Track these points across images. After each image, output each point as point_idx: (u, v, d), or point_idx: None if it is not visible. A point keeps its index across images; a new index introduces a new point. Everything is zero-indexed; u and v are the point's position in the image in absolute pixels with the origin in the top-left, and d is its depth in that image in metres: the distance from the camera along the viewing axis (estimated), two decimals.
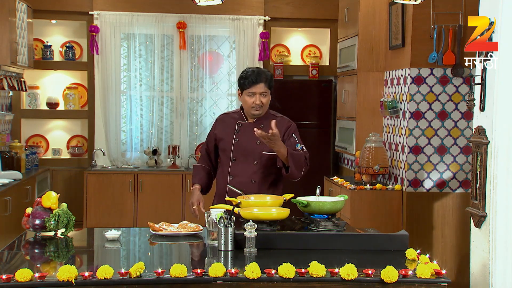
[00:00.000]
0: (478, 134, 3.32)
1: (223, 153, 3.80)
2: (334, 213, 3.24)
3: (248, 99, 3.70)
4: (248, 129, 3.73)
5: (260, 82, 3.68)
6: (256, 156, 3.69)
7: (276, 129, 3.48)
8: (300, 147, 3.74)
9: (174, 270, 2.46)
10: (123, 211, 6.84)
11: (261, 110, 3.72)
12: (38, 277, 2.40)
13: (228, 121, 3.83)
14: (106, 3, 7.23)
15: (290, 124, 3.81)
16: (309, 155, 3.76)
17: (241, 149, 3.72)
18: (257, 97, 3.68)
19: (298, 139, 3.77)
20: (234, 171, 3.72)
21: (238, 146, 3.73)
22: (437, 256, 4.98)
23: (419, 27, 5.11)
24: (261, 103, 3.69)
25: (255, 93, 3.68)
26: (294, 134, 3.78)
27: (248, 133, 3.71)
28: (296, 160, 3.62)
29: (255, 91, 3.67)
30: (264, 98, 3.70)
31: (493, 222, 3.23)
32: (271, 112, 3.83)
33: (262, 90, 3.69)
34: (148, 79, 7.40)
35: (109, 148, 7.24)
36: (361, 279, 2.50)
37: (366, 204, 5.24)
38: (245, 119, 3.78)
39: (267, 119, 3.74)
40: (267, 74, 3.74)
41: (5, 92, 6.63)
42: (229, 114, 3.91)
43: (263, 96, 3.69)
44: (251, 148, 3.70)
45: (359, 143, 5.84)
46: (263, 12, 7.41)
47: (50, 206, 3.15)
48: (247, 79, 3.69)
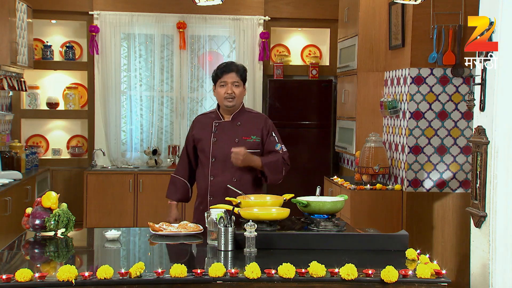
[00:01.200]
0: (478, 134, 3.32)
1: (202, 154, 3.77)
2: (334, 213, 3.24)
3: (220, 90, 3.70)
4: (226, 128, 3.73)
5: (231, 71, 3.69)
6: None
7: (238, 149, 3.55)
8: (280, 147, 3.77)
9: (174, 270, 2.46)
10: (123, 211, 6.85)
11: (234, 101, 3.70)
12: (38, 277, 2.40)
13: (205, 122, 3.81)
14: (106, 3, 7.23)
15: (267, 121, 3.82)
16: (288, 154, 3.80)
17: (220, 149, 3.70)
18: (229, 86, 3.68)
19: (278, 138, 3.80)
20: (215, 171, 3.71)
21: (216, 146, 3.71)
22: (437, 256, 4.98)
23: (419, 27, 5.11)
24: (233, 93, 3.68)
25: (226, 83, 3.69)
26: (274, 133, 3.79)
27: (226, 132, 3.72)
28: (273, 168, 3.68)
29: (226, 80, 3.69)
30: (236, 89, 3.69)
31: (493, 222, 3.23)
32: (246, 109, 3.83)
33: (234, 80, 3.69)
34: (148, 79, 7.40)
35: (109, 148, 7.24)
36: (361, 279, 2.50)
37: (366, 204, 5.24)
38: (222, 118, 3.77)
39: (243, 115, 3.76)
40: (238, 65, 3.76)
41: (5, 92, 6.63)
42: (206, 114, 3.91)
43: (235, 86, 3.69)
44: (230, 147, 3.67)
45: (359, 143, 5.84)
46: (263, 12, 7.41)
47: (50, 206, 3.15)
48: (219, 69, 3.73)
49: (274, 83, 7.33)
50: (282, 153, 3.76)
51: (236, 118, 3.76)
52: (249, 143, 3.70)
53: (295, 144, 7.19)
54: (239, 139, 3.70)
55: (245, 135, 3.72)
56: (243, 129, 3.73)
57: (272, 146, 3.75)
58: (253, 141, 3.72)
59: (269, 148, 3.76)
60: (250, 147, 3.69)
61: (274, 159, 3.70)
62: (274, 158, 3.71)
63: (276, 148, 3.76)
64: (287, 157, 3.79)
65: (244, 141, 3.70)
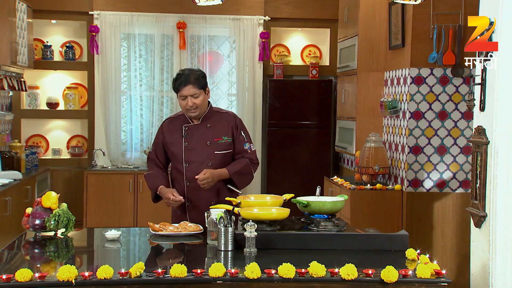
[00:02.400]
0: (478, 134, 3.32)
1: (175, 159, 3.72)
2: (334, 213, 3.24)
3: (181, 102, 3.64)
4: (195, 131, 3.68)
5: (187, 84, 3.59)
6: (209, 157, 3.65)
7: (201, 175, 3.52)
8: (248, 146, 3.75)
9: (174, 270, 2.46)
10: (123, 211, 6.84)
11: (197, 111, 3.64)
12: (38, 277, 2.40)
13: (174, 126, 3.74)
14: (106, 3, 7.23)
15: (236, 119, 3.77)
16: (256, 153, 3.79)
17: (193, 153, 3.66)
18: (188, 99, 3.60)
19: (247, 137, 3.77)
20: (190, 175, 3.65)
21: (188, 150, 3.67)
22: (437, 256, 4.98)
23: (419, 27, 5.11)
24: (194, 104, 3.61)
25: (185, 96, 3.61)
26: (243, 132, 3.76)
27: (196, 135, 3.68)
28: (241, 175, 3.67)
29: (184, 93, 3.60)
30: (196, 99, 3.61)
31: (493, 222, 3.23)
32: (214, 109, 3.78)
33: (191, 92, 3.59)
34: (148, 79, 7.40)
35: (109, 148, 7.24)
36: (361, 279, 2.50)
37: (366, 204, 5.23)
38: (191, 121, 3.71)
39: (212, 117, 3.72)
40: (195, 74, 3.63)
41: (5, 92, 6.63)
42: (174, 118, 3.81)
43: (194, 97, 3.61)
44: (202, 150, 3.65)
45: (359, 143, 5.84)
46: (263, 12, 7.41)
47: (50, 206, 3.15)
48: (176, 81, 3.64)
49: (274, 83, 7.33)
50: (250, 153, 3.74)
51: (205, 120, 3.70)
52: (221, 145, 3.67)
53: (295, 144, 7.19)
54: (210, 141, 3.66)
55: (216, 137, 3.68)
56: (214, 131, 3.68)
57: (241, 146, 3.72)
58: (225, 141, 3.69)
59: (238, 148, 3.72)
60: (223, 148, 3.67)
61: (241, 165, 3.68)
62: (241, 165, 3.68)
63: (245, 148, 3.73)
64: (255, 157, 3.77)
65: (216, 142, 3.67)
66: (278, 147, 7.21)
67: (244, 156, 3.72)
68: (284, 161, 7.24)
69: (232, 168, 3.66)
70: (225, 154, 3.68)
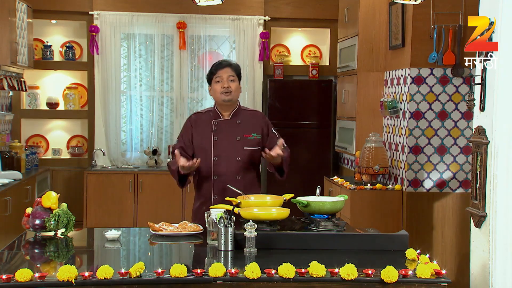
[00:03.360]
0: (478, 134, 3.32)
1: (203, 153, 3.70)
2: (334, 213, 3.24)
3: (216, 86, 3.70)
4: (226, 126, 3.72)
5: (226, 66, 3.71)
6: (238, 152, 3.68)
7: (279, 152, 3.54)
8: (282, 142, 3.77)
9: (174, 270, 2.46)
10: (123, 211, 6.84)
11: (230, 95, 3.68)
12: (38, 277, 2.40)
13: (203, 121, 3.77)
14: (106, 3, 7.23)
15: (265, 118, 3.85)
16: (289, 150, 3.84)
17: (222, 147, 3.69)
18: (225, 81, 3.68)
19: (277, 134, 3.82)
20: (218, 170, 3.68)
21: (218, 145, 3.69)
22: (437, 256, 4.98)
23: (419, 27, 5.11)
24: (230, 87, 3.67)
25: (222, 78, 3.69)
26: (273, 129, 3.83)
27: (226, 130, 3.71)
28: (288, 163, 3.73)
29: (221, 75, 3.69)
30: (232, 84, 3.69)
31: (493, 222, 3.23)
32: (242, 107, 3.83)
33: (229, 74, 3.69)
34: (148, 79, 7.40)
35: (109, 148, 7.24)
36: (361, 279, 2.50)
37: (366, 204, 5.23)
38: (220, 116, 3.75)
39: (241, 114, 3.76)
40: (232, 61, 3.80)
41: (5, 92, 6.63)
42: (202, 113, 3.84)
43: (231, 81, 3.69)
44: (232, 145, 3.68)
45: (359, 143, 5.84)
46: (263, 12, 7.41)
47: (50, 206, 3.15)
48: (214, 66, 3.75)
49: (274, 83, 7.33)
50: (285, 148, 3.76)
51: (235, 116, 3.75)
52: (251, 141, 3.71)
53: (295, 144, 7.16)
54: (240, 137, 3.70)
55: (246, 133, 3.72)
56: (244, 127, 3.73)
57: (275, 142, 3.74)
58: (254, 138, 3.73)
59: (273, 144, 3.74)
60: (252, 144, 3.71)
61: (287, 154, 3.73)
62: (286, 154, 3.72)
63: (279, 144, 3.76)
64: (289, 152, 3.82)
65: (246, 138, 3.71)
66: None
67: None
68: None
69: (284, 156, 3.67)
70: (254, 150, 3.71)
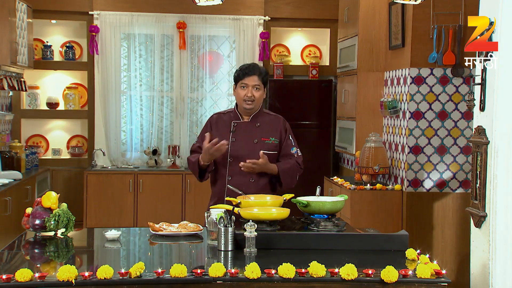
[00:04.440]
0: (478, 134, 3.32)
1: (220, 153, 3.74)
2: (334, 213, 3.24)
3: (240, 91, 3.69)
4: (244, 129, 3.72)
5: (254, 74, 3.67)
6: (254, 155, 3.66)
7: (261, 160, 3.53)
8: (295, 151, 3.79)
9: (174, 270, 2.46)
10: (123, 211, 6.85)
11: (253, 104, 3.69)
12: (38, 277, 2.39)
13: (223, 121, 3.79)
14: (106, 3, 7.23)
15: (285, 123, 3.83)
16: (302, 158, 3.81)
17: (239, 149, 3.69)
18: (250, 89, 3.66)
19: (294, 142, 3.80)
20: (233, 171, 3.69)
21: (235, 146, 3.70)
22: (437, 256, 4.98)
23: (419, 27, 5.11)
24: (253, 96, 3.67)
25: (247, 85, 3.67)
26: (291, 136, 3.80)
27: (245, 133, 3.71)
28: (288, 175, 3.70)
29: (247, 82, 3.67)
30: (256, 92, 3.68)
31: (493, 222, 3.23)
32: (264, 111, 3.83)
33: (255, 83, 3.67)
34: (148, 79, 7.40)
35: (109, 148, 7.24)
36: (361, 279, 2.50)
37: (366, 204, 5.23)
38: (240, 118, 3.76)
39: (262, 117, 3.76)
40: (261, 69, 3.74)
41: (5, 92, 6.63)
42: (223, 113, 3.85)
43: (256, 89, 3.68)
44: (249, 147, 3.68)
45: (359, 143, 5.84)
46: (263, 12, 7.41)
47: (50, 206, 3.15)
48: (242, 70, 3.71)
49: (274, 83, 7.33)
50: (297, 157, 3.78)
51: (255, 119, 3.75)
52: (268, 145, 3.70)
53: None
54: (258, 140, 3.69)
55: (264, 137, 3.71)
56: (262, 131, 3.72)
57: (288, 150, 3.76)
58: (272, 142, 3.72)
59: (285, 151, 3.76)
60: (269, 148, 3.70)
61: (289, 165, 3.71)
62: (289, 165, 3.71)
63: (292, 152, 3.77)
64: (301, 161, 3.81)
65: (263, 142, 3.70)
66: None
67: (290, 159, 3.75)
68: None
69: (281, 165, 3.69)
70: (270, 154, 3.69)
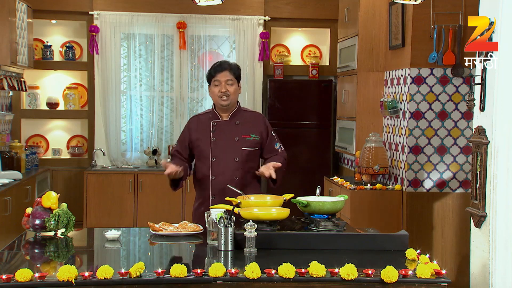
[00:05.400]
0: (478, 134, 3.32)
1: (202, 154, 3.75)
2: (334, 213, 3.24)
3: (214, 89, 3.72)
4: (224, 127, 3.74)
5: (225, 70, 3.71)
6: (236, 153, 3.69)
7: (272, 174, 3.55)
8: (279, 146, 3.82)
9: (174, 270, 2.46)
10: (123, 211, 6.85)
11: (228, 99, 3.70)
12: (38, 277, 2.40)
13: (202, 122, 3.80)
14: (106, 3, 7.23)
15: (265, 120, 3.86)
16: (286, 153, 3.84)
17: (220, 148, 3.70)
18: (223, 85, 3.69)
19: (276, 137, 3.84)
20: (216, 170, 3.70)
21: (216, 145, 3.71)
22: (437, 256, 4.98)
23: (419, 27, 5.11)
24: (228, 91, 3.68)
25: (220, 82, 3.70)
26: (273, 132, 3.84)
27: (225, 131, 3.73)
28: (282, 172, 3.71)
29: (220, 79, 3.70)
30: (230, 87, 3.70)
31: (493, 222, 3.23)
32: (242, 108, 3.85)
33: (228, 78, 3.70)
34: (148, 79, 7.40)
35: (109, 148, 7.24)
36: (361, 279, 2.50)
37: (366, 204, 5.23)
38: (219, 117, 3.77)
39: (240, 114, 3.78)
40: (232, 64, 3.78)
41: (5, 92, 6.63)
42: (202, 115, 3.88)
43: (229, 84, 3.70)
44: (230, 146, 3.69)
45: (359, 143, 5.84)
46: (263, 12, 7.41)
47: (50, 206, 3.15)
48: (213, 68, 3.75)
49: (274, 83, 7.33)
50: (281, 152, 3.81)
51: (234, 117, 3.77)
52: (249, 142, 3.73)
53: (295, 144, 7.18)
54: (238, 137, 3.71)
55: (245, 134, 3.73)
56: (242, 128, 3.74)
57: (272, 145, 3.79)
58: (253, 139, 3.74)
59: (270, 147, 3.79)
60: (250, 145, 3.72)
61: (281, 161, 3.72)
62: (280, 160, 3.72)
63: (276, 147, 3.80)
64: (286, 156, 3.84)
65: (244, 139, 3.72)
66: None
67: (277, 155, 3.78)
68: None
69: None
70: (252, 151, 3.73)
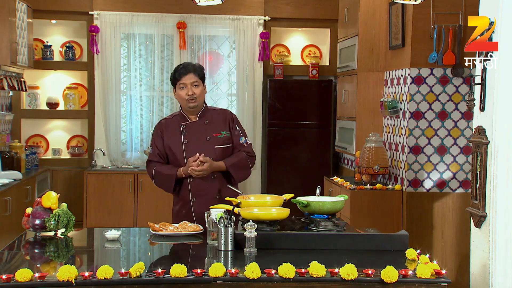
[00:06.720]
0: (478, 134, 3.32)
1: (175, 157, 3.74)
2: (334, 213, 3.24)
3: (181, 92, 3.70)
4: (194, 128, 3.74)
5: (189, 72, 3.70)
6: (210, 152, 3.69)
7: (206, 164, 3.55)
8: (244, 140, 3.82)
9: (174, 270, 2.46)
10: (123, 211, 6.84)
11: (196, 102, 3.70)
12: (38, 277, 2.40)
13: (171, 126, 3.78)
14: (106, 3, 7.23)
15: (232, 115, 3.86)
16: (252, 146, 3.85)
17: (193, 149, 3.69)
18: (189, 88, 3.68)
19: (242, 132, 3.84)
20: None
21: (189, 147, 3.71)
22: (437, 256, 4.98)
23: (419, 27, 5.11)
24: (194, 94, 3.68)
25: (186, 84, 3.69)
26: (238, 126, 3.83)
27: (195, 132, 3.73)
28: (238, 168, 3.72)
29: (185, 82, 3.69)
30: (196, 89, 3.70)
31: (493, 222, 3.23)
32: (210, 107, 3.86)
33: (193, 80, 3.70)
34: (148, 79, 7.40)
35: (109, 148, 7.24)
36: (361, 279, 2.50)
37: (366, 204, 5.24)
38: (188, 119, 3.77)
39: (208, 113, 3.79)
40: (196, 65, 3.78)
41: (5, 92, 6.63)
42: (170, 118, 3.86)
43: (195, 86, 3.70)
44: (202, 146, 3.69)
45: (359, 143, 5.84)
46: (263, 12, 7.41)
47: (50, 206, 3.15)
48: (177, 71, 3.73)
49: (274, 83, 7.33)
50: (246, 146, 3.80)
51: (202, 117, 3.77)
52: (220, 139, 3.74)
53: (295, 144, 7.19)
54: (210, 136, 3.72)
55: (215, 132, 3.74)
56: (212, 127, 3.75)
57: (237, 140, 3.79)
58: (224, 136, 3.75)
59: (235, 143, 3.79)
60: (222, 142, 3.73)
61: (238, 158, 3.74)
62: (238, 158, 3.74)
63: (240, 142, 3.80)
64: (251, 150, 3.83)
65: (215, 137, 3.73)
66: (278, 147, 7.21)
67: (241, 150, 3.78)
68: (284, 161, 7.24)
69: (229, 160, 3.72)
70: (225, 148, 3.74)
